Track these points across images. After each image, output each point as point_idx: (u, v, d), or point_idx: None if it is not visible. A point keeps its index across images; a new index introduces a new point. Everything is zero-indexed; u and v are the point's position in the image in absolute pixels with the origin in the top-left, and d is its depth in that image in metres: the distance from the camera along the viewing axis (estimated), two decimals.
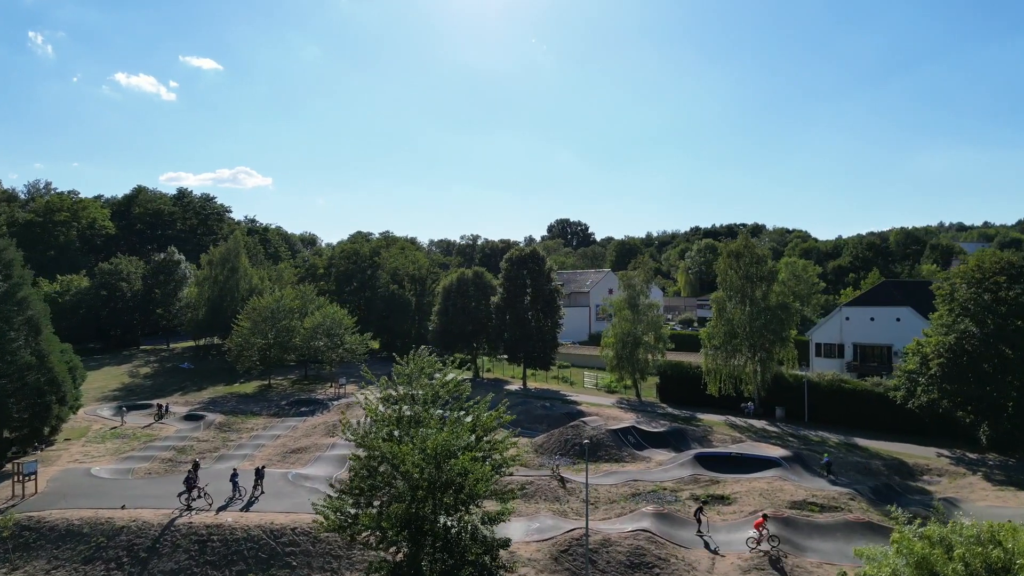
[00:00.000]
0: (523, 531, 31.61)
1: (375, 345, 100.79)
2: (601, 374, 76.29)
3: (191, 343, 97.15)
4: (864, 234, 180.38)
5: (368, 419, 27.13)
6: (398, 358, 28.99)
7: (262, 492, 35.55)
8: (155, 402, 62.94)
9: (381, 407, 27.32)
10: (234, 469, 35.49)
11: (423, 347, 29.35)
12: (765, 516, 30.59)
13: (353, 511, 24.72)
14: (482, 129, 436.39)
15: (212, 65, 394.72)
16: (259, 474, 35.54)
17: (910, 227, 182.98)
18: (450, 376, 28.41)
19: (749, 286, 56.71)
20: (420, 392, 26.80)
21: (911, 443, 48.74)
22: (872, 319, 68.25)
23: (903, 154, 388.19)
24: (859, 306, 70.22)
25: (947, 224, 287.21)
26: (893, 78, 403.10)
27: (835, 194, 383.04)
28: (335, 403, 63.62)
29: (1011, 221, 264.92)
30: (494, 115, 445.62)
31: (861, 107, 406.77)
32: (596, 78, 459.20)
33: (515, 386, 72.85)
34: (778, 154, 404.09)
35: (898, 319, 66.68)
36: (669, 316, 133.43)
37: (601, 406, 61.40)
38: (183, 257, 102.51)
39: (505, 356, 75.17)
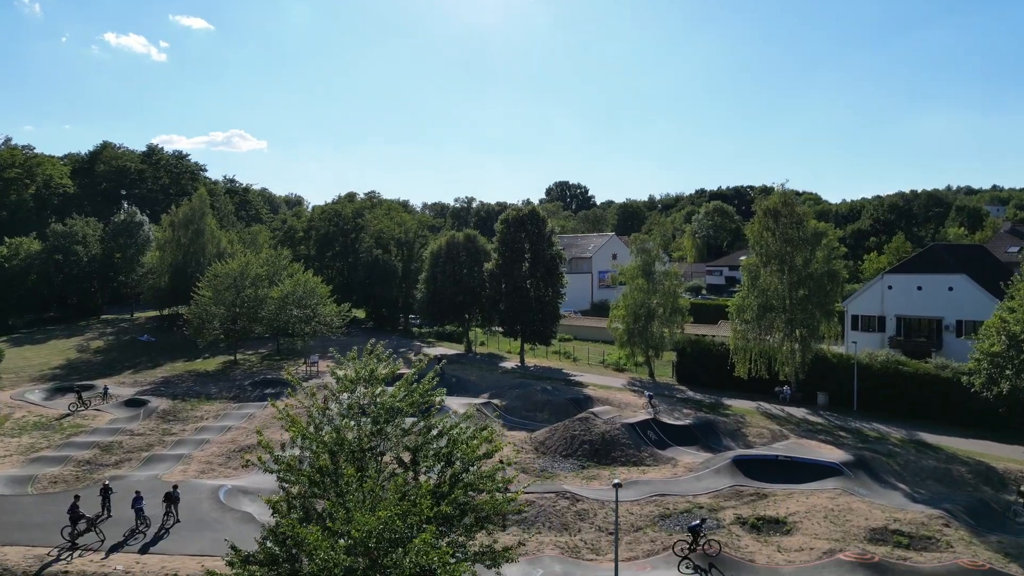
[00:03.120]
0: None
1: (361, 315, 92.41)
2: (607, 348, 67.88)
3: (156, 313, 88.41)
4: (879, 196, 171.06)
5: (296, 443, 18.56)
6: (340, 356, 20.43)
7: (176, 521, 27.09)
8: (77, 384, 54.22)
9: (314, 423, 18.76)
10: (137, 492, 26.96)
11: (375, 341, 20.61)
12: None
13: None
14: (478, 90, 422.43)
15: (203, 25, 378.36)
16: (170, 498, 27.01)
17: (920, 190, 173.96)
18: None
19: (789, 250, 47.88)
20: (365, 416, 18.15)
21: (988, 439, 40.44)
22: (919, 288, 59.52)
23: (904, 117, 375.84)
24: (904, 273, 61.43)
25: (954, 188, 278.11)
26: (892, 40, 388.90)
27: (837, 157, 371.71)
28: (305, 384, 54.92)
29: (1018, 184, 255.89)
30: (490, 75, 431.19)
31: (862, 68, 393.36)
32: (595, 37, 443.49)
33: (511, 363, 64.41)
34: (780, 116, 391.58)
35: (950, 288, 58.01)
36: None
37: (610, 389, 53.07)
38: (146, 218, 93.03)
39: (500, 329, 66.64)
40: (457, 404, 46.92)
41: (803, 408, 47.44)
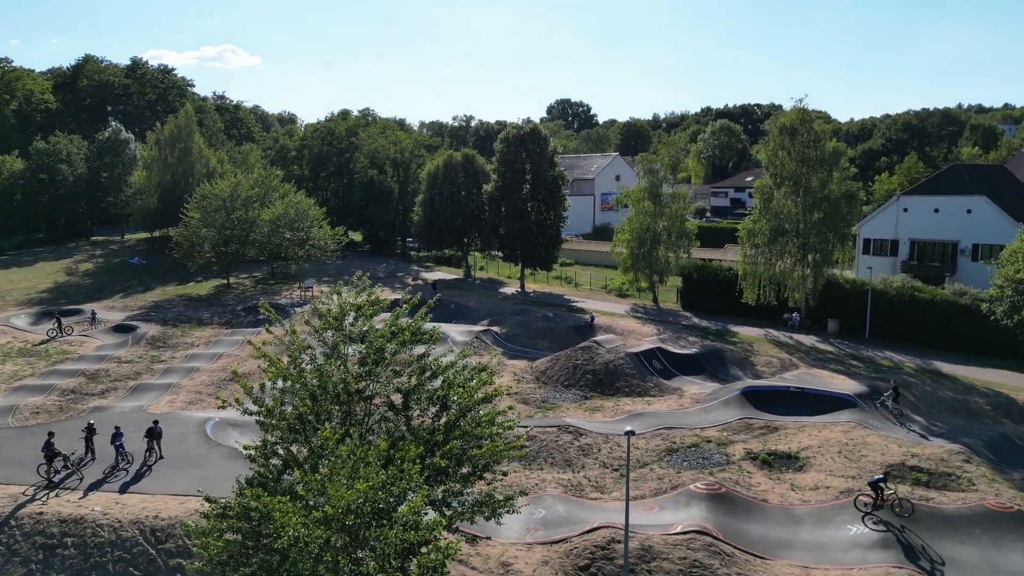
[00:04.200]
0: (522, 522, 22.01)
1: (357, 237, 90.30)
2: (610, 273, 66.07)
3: (147, 235, 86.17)
4: (887, 114, 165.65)
5: (272, 384, 16.84)
6: (324, 291, 18.48)
7: (159, 457, 25.76)
8: (58, 310, 52.67)
9: (295, 363, 17.00)
10: (116, 427, 25.47)
11: (361, 273, 18.63)
12: None
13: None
14: (478, 3, 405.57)
15: None
16: (152, 434, 25.58)
17: (931, 108, 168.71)
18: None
19: (805, 171, 45.34)
20: (353, 348, 16.35)
21: (1006, 369, 39.03)
22: (936, 210, 57.23)
23: (913, 33, 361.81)
24: (921, 195, 59.04)
25: (965, 106, 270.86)
26: None
27: (844, 75, 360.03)
28: (298, 310, 53.45)
29: None
30: None
31: None
32: None
33: (511, 288, 62.73)
34: (787, 31, 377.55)
35: (969, 210, 55.76)
36: None
37: (613, 315, 51.55)
38: (132, 136, 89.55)
39: (500, 253, 64.58)
40: (456, 331, 45.46)
41: (812, 336, 45.94)
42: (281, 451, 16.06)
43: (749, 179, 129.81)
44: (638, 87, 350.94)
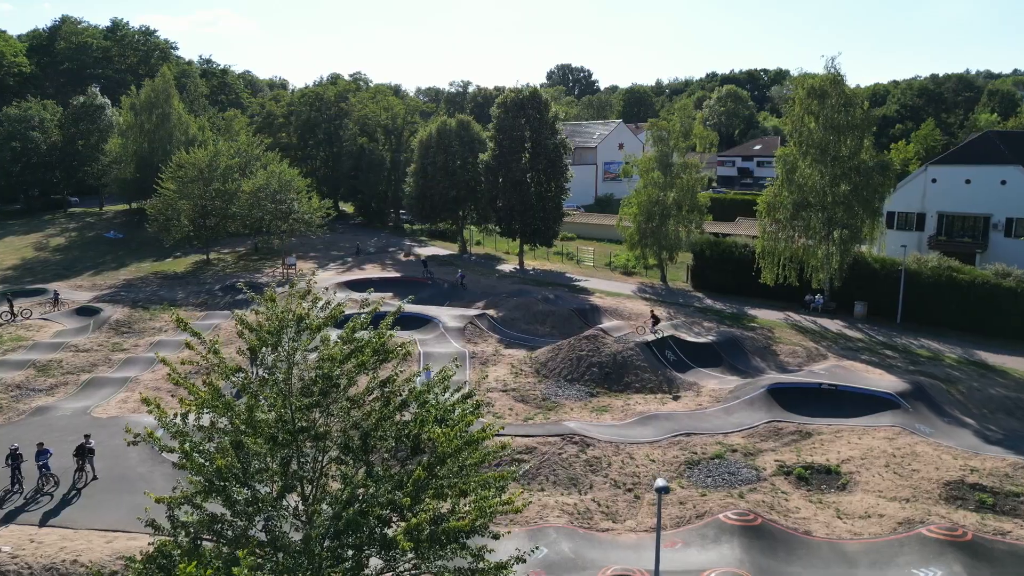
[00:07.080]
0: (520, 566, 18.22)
1: (348, 209, 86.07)
2: (614, 249, 61.92)
3: (126, 207, 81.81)
4: (895, 80, 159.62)
5: (196, 418, 12.95)
6: (254, 295, 14.59)
7: (92, 478, 21.96)
8: (10, 291, 48.72)
9: (217, 395, 13.08)
10: (40, 444, 21.60)
11: (308, 279, 14.61)
12: None
13: None
14: None
15: None
16: (83, 452, 21.72)
17: (942, 74, 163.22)
18: (379, 312, 13.83)
19: (834, 138, 40.98)
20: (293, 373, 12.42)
21: None
22: (968, 181, 52.89)
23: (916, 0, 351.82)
24: (951, 164, 54.62)
25: (973, 72, 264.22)
26: None
27: (849, 40, 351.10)
28: (279, 289, 49.35)
29: None
30: None
31: None
32: None
33: (509, 266, 58.63)
34: None
35: (1003, 181, 51.48)
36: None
37: (619, 296, 47.60)
38: (108, 101, 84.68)
39: (497, 228, 60.30)
40: (448, 315, 41.60)
41: (837, 320, 42.02)
42: (197, 512, 12.28)
43: (757, 147, 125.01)
44: (641, 52, 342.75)
